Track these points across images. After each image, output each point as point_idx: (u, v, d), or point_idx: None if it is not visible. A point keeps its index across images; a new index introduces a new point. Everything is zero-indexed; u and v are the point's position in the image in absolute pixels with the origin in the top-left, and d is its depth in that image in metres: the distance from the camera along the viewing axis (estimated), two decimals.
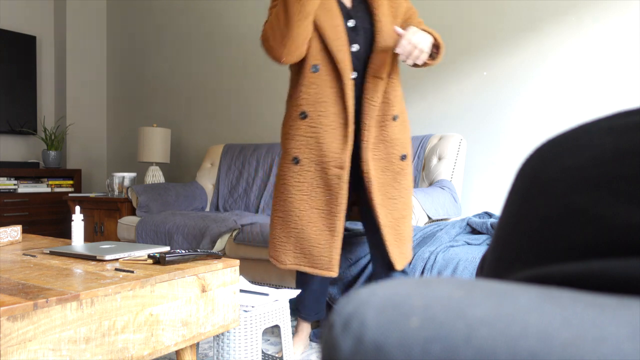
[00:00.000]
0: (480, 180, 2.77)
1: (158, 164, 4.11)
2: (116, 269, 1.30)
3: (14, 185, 3.92)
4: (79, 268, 1.32)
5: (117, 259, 1.43)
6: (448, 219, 2.45)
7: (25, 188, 3.98)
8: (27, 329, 0.96)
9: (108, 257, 1.42)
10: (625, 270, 0.28)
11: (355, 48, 1.77)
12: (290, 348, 1.81)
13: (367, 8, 1.80)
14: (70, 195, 3.71)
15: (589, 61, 2.48)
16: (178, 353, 1.42)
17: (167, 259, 1.34)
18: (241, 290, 1.82)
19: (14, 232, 1.78)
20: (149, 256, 1.39)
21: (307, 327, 2.06)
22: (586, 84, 2.49)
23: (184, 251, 1.41)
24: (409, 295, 0.28)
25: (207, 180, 3.57)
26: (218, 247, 2.64)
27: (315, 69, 1.74)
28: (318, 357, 1.99)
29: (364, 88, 1.77)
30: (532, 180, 0.38)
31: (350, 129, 1.74)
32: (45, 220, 4.05)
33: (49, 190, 4.12)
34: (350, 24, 1.77)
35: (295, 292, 1.82)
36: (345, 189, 1.73)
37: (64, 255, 1.50)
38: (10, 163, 4.00)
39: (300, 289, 1.96)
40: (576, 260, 0.32)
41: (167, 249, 1.54)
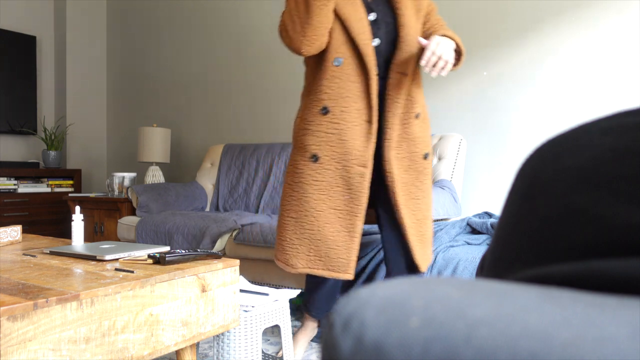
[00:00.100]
0: (480, 180, 2.77)
1: (158, 164, 4.11)
2: (116, 269, 1.30)
3: (14, 185, 3.92)
4: (79, 268, 1.32)
5: (117, 259, 1.43)
6: (448, 219, 2.45)
7: (25, 188, 3.98)
8: (27, 329, 0.96)
9: (108, 257, 1.42)
10: (625, 270, 0.28)
11: (376, 42, 1.70)
12: (290, 348, 1.81)
13: (389, 1, 1.73)
14: (70, 195, 3.71)
15: (589, 61, 2.48)
16: (178, 353, 1.42)
17: (167, 259, 1.34)
18: (241, 290, 1.82)
19: (14, 232, 1.78)
20: (149, 256, 1.39)
21: (314, 325, 2.03)
22: (586, 84, 2.49)
23: (184, 251, 1.41)
24: (409, 295, 0.28)
25: (207, 180, 3.57)
26: (218, 247, 2.64)
27: (338, 62, 1.66)
28: (318, 357, 2.00)
29: (387, 84, 1.71)
30: (532, 180, 0.38)
31: (374, 126, 1.67)
32: (45, 220, 4.05)
33: (49, 190, 4.12)
34: (372, 17, 1.70)
35: (295, 292, 1.82)
36: (367, 188, 1.67)
37: (64, 255, 1.50)
38: (10, 163, 4.00)
39: (312, 290, 1.89)
40: (576, 260, 0.32)
41: (167, 249, 1.54)
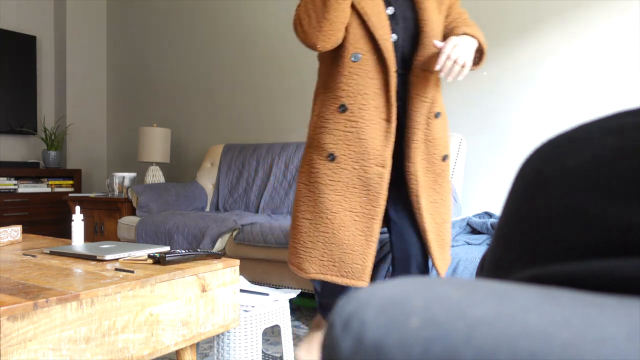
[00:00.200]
0: (480, 180, 2.77)
1: (158, 164, 4.11)
2: (116, 269, 1.30)
3: (14, 185, 3.93)
4: (79, 268, 1.32)
5: (117, 259, 1.43)
6: None
7: (25, 188, 3.98)
8: (27, 329, 0.96)
9: (108, 257, 1.42)
10: (625, 270, 0.28)
11: (393, 38, 1.62)
12: (290, 348, 1.81)
13: None
14: (70, 195, 3.71)
15: (589, 61, 2.48)
16: (178, 353, 1.42)
17: (167, 258, 1.34)
18: (241, 290, 1.82)
19: (14, 232, 1.78)
20: (149, 256, 1.39)
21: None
22: (586, 84, 2.49)
23: (184, 251, 1.41)
24: (409, 295, 0.28)
25: (207, 180, 3.57)
26: (218, 247, 2.64)
27: (356, 57, 1.59)
28: (318, 357, 1.99)
29: (412, 83, 1.63)
30: (532, 180, 0.38)
31: (393, 124, 1.60)
32: (45, 220, 4.05)
33: (49, 190, 4.12)
34: (389, 12, 1.62)
35: (295, 292, 1.82)
36: (385, 190, 1.60)
37: (64, 255, 1.50)
38: (10, 163, 4.00)
39: (330, 295, 1.77)
40: (576, 260, 0.32)
41: (167, 249, 1.54)
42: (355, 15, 1.59)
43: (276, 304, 1.75)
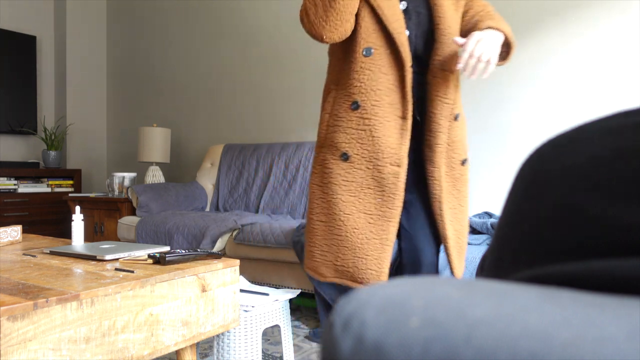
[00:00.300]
0: (480, 180, 2.77)
1: (158, 164, 4.11)
2: (116, 269, 1.30)
3: (14, 185, 3.93)
4: (79, 268, 1.32)
5: (117, 259, 1.43)
6: None
7: (25, 188, 3.98)
8: (27, 329, 0.96)
9: (108, 257, 1.42)
10: (625, 270, 0.28)
11: (406, 33, 1.54)
12: (290, 348, 1.81)
13: None
14: (70, 195, 3.71)
15: (590, 61, 2.48)
16: (178, 353, 1.42)
17: (167, 258, 1.34)
18: (241, 290, 1.82)
19: (14, 232, 1.78)
20: (149, 256, 1.39)
21: None
22: (587, 84, 2.49)
23: (184, 251, 1.41)
24: (409, 295, 0.28)
25: (207, 180, 3.57)
26: (218, 247, 2.64)
27: (368, 52, 1.51)
28: (318, 357, 1.99)
29: (431, 83, 1.56)
30: (532, 181, 0.38)
31: (409, 121, 1.53)
32: (45, 220, 4.05)
33: (49, 190, 4.12)
34: (402, 7, 1.55)
35: (295, 292, 1.82)
36: (402, 190, 1.51)
37: (64, 255, 1.50)
38: (10, 163, 4.00)
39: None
40: (576, 260, 0.32)
41: (167, 249, 1.54)
42: (368, 8, 1.52)
43: (276, 304, 1.75)
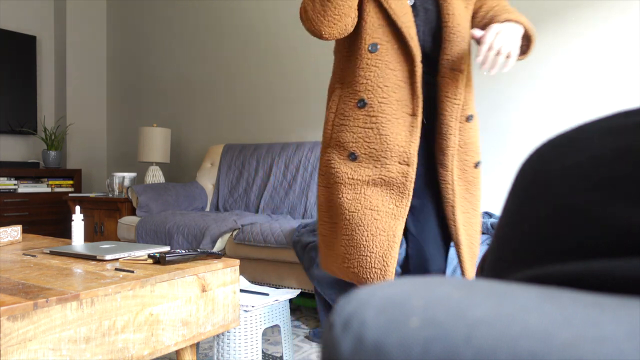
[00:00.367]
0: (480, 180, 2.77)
1: (158, 164, 4.11)
2: (116, 269, 1.30)
3: (14, 185, 3.93)
4: (79, 268, 1.32)
5: (117, 259, 1.43)
6: None
7: (25, 188, 3.98)
8: (27, 329, 0.96)
9: (108, 257, 1.42)
10: (625, 270, 0.28)
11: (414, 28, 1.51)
12: (290, 348, 1.81)
13: None
14: (70, 195, 3.71)
15: (590, 61, 2.48)
16: (178, 353, 1.42)
17: (167, 258, 1.34)
18: (241, 290, 1.82)
19: (14, 232, 1.78)
20: (149, 256, 1.39)
21: None
22: (587, 84, 2.49)
23: (184, 251, 1.41)
24: (409, 295, 0.28)
25: (207, 180, 3.57)
26: (218, 247, 2.64)
27: (374, 48, 1.46)
28: (318, 357, 1.99)
29: (440, 84, 1.51)
30: (532, 180, 0.38)
31: (419, 118, 1.46)
32: (45, 220, 4.05)
33: (49, 190, 4.12)
34: (409, 2, 1.50)
35: (295, 292, 1.82)
36: (411, 190, 1.46)
37: (64, 255, 1.50)
38: (10, 163, 4.00)
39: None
40: (576, 260, 0.32)
41: (167, 248, 1.54)
42: (374, 3, 1.47)
43: (276, 304, 1.75)
